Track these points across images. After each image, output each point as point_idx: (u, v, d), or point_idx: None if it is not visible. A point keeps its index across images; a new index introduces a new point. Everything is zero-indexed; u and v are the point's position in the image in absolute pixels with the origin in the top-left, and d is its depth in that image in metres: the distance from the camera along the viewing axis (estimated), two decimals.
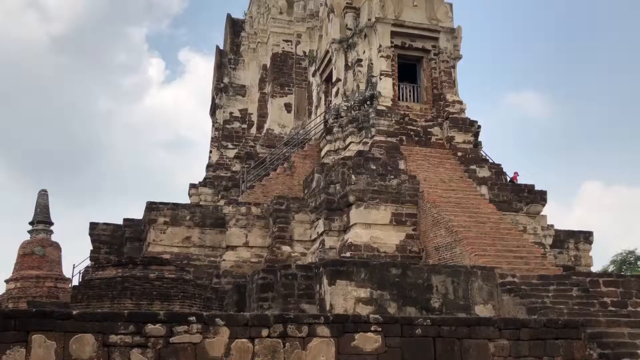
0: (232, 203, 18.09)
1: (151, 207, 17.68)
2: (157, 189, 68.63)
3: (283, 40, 24.98)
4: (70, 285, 21.59)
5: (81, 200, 66.96)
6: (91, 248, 20.12)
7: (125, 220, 19.82)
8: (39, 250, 23.60)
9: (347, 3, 19.93)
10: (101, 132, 68.58)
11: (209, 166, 25.39)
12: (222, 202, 19.74)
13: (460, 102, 18.71)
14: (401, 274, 11.25)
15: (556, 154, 65.43)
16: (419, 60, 19.48)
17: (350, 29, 19.73)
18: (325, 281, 11.05)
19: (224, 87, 26.39)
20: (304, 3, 25.20)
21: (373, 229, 15.34)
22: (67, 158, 68.27)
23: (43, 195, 25.45)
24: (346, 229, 15.77)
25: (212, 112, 27.75)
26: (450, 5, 19.70)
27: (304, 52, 24.75)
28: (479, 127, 18.59)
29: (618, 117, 64.30)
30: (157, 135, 73.88)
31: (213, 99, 27.59)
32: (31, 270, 23.23)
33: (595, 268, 22.24)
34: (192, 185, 24.26)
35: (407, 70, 19.46)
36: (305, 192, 17.84)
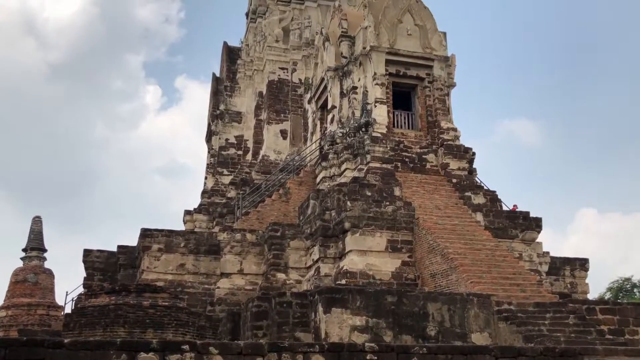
0: (227, 230, 18.01)
1: (145, 233, 17.58)
2: (152, 216, 68.44)
3: (279, 67, 25.21)
4: (62, 313, 21.30)
5: (76, 227, 66.60)
6: (85, 275, 19.94)
7: (119, 247, 19.68)
8: (32, 278, 23.34)
9: (342, 32, 20.19)
10: (97, 158, 68.63)
11: (204, 192, 25.36)
12: (217, 229, 19.65)
13: (455, 130, 18.84)
14: (397, 302, 11.17)
15: (551, 181, 65.74)
16: (414, 88, 19.67)
17: (345, 57, 19.95)
18: (320, 309, 10.95)
19: (220, 113, 26.52)
20: (299, 32, 25.50)
21: (369, 255, 15.27)
22: (62, 184, 68.13)
23: (37, 221, 25.26)
24: (342, 255, 15.69)
25: (208, 139, 27.83)
26: (444, 34, 19.97)
27: (300, 80, 24.96)
28: (474, 154, 18.69)
29: (612, 145, 64.84)
30: (153, 161, 73.97)
31: (209, 126, 27.69)
32: (23, 298, 22.92)
33: (592, 295, 22.15)
34: (187, 212, 24.18)
35: (401, 97, 19.63)
36: (301, 218, 17.80)
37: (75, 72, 71.87)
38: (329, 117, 20.27)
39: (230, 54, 28.46)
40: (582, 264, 20.29)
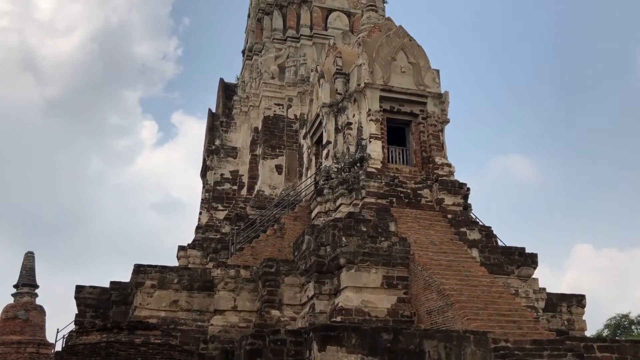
0: (221, 266, 17.87)
1: (139, 269, 17.43)
2: (145, 252, 67.95)
3: (275, 103, 25.44)
4: (53, 351, 20.93)
5: (68, 263, 65.97)
6: (76, 312, 19.66)
7: (112, 283, 19.47)
8: (22, 315, 23.01)
9: (337, 69, 20.47)
10: (91, 193, 68.51)
11: (198, 228, 25.25)
12: (210, 265, 19.50)
13: (449, 165, 18.95)
14: (393, 339, 11.03)
15: (546, 216, 65.85)
16: (408, 124, 19.84)
17: (340, 94, 20.18)
18: (315, 347, 10.80)
19: (215, 149, 26.64)
20: (295, 69, 25.84)
21: (364, 292, 15.13)
22: (56, 219, 67.78)
23: (29, 257, 25.07)
24: (337, 292, 15.55)
25: (203, 174, 27.86)
26: (437, 71, 20.28)
27: (295, 116, 25.17)
28: (468, 189, 18.75)
29: (607, 180, 65.23)
30: (148, 197, 73.87)
31: (204, 161, 27.77)
32: (13, 336, 22.55)
33: (589, 332, 21.97)
34: (181, 248, 24.03)
35: (396, 133, 19.78)
36: (296, 254, 17.70)
37: (71, 108, 72.43)
38: (324, 152, 20.38)
39: (227, 90, 28.77)
40: (579, 300, 20.15)
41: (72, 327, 19.20)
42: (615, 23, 72.59)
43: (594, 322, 41.56)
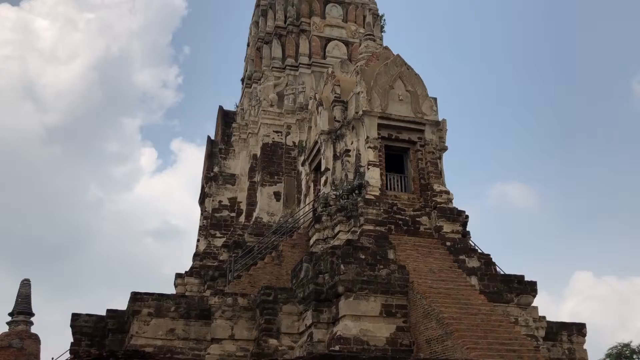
0: (218, 294, 17.71)
1: (135, 297, 17.27)
2: (143, 279, 67.33)
3: (273, 131, 25.55)
4: None
5: (65, 290, 65.37)
6: (72, 340, 19.42)
7: (108, 311, 19.26)
8: (17, 343, 22.68)
9: (335, 97, 20.64)
10: (89, 220, 68.24)
11: (195, 255, 25.12)
12: (208, 293, 19.33)
13: (447, 192, 18.97)
14: None
15: (545, 244, 65.66)
16: (406, 151, 19.92)
17: (338, 121, 20.30)
18: None
19: (213, 176, 26.67)
20: (294, 96, 26.03)
21: (363, 321, 14.98)
22: (53, 246, 67.35)
23: (25, 284, 24.82)
24: (335, 320, 15.39)
25: (201, 201, 27.83)
26: (435, 99, 20.46)
27: (294, 143, 25.26)
28: (467, 216, 18.74)
29: (606, 207, 65.24)
30: (146, 224, 73.56)
31: (202, 188, 27.76)
32: None
33: None
34: (178, 275, 23.87)
35: (394, 160, 19.85)
36: (294, 282, 17.58)
37: (71, 135, 72.60)
38: (322, 179, 20.40)
39: (226, 118, 28.95)
40: (579, 329, 19.95)
41: (68, 355, 18.94)
42: (611, 53, 73.58)
43: (595, 351, 41.10)
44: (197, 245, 26.11)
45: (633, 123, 69.91)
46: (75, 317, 19.63)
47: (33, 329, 24.22)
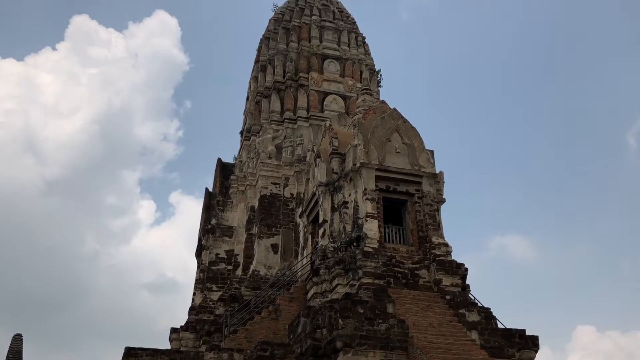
0: (214, 349, 17.32)
1: (129, 352, 16.89)
2: (137, 333, 65.91)
3: (271, 183, 25.61)
4: None
5: (58, 345, 63.86)
6: None
7: None
8: None
9: (333, 149, 20.81)
10: (85, 273, 67.41)
11: (191, 309, 24.70)
12: (203, 348, 18.90)
13: (446, 245, 18.87)
14: None
15: (547, 297, 64.77)
16: (404, 203, 19.93)
17: (336, 173, 20.40)
18: None
19: (211, 228, 26.54)
20: (292, 149, 26.25)
21: None
22: (47, 300, 66.23)
23: (17, 340, 24.25)
24: None
25: (198, 254, 27.60)
26: (432, 152, 20.66)
27: (292, 194, 25.29)
28: (466, 269, 18.57)
29: (608, 261, 64.78)
30: (142, 277, 72.65)
31: (199, 240, 27.58)
32: None
33: None
34: (174, 330, 23.40)
35: (392, 212, 19.83)
36: (291, 337, 17.23)
37: (70, 188, 72.57)
38: (320, 231, 20.31)
39: (224, 170, 29.08)
40: None
41: None
42: (606, 107, 74.84)
43: None
44: (193, 299, 25.72)
45: (629, 175, 70.37)
46: None
47: None
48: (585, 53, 78.91)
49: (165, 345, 22.99)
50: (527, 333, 17.24)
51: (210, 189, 28.88)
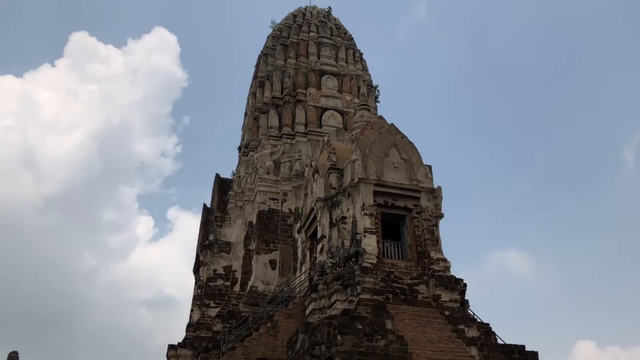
0: None
1: None
2: (135, 350, 65.31)
3: (269, 198, 25.57)
4: None
5: None
6: None
7: None
8: None
9: (331, 164, 20.82)
10: (82, 290, 66.95)
11: (189, 326, 24.52)
12: None
13: (445, 260, 18.80)
14: None
15: (546, 313, 64.42)
16: (402, 218, 19.89)
17: (334, 188, 20.38)
18: None
19: (209, 244, 26.43)
20: (290, 164, 26.25)
21: None
22: (44, 316, 65.71)
23: (13, 357, 24.08)
24: None
25: (196, 270, 27.46)
26: (429, 167, 20.67)
27: (290, 210, 25.23)
28: (465, 285, 18.48)
29: (608, 276, 64.57)
30: (140, 293, 72.19)
31: (197, 256, 27.46)
32: None
33: None
34: (171, 347, 23.21)
35: (391, 227, 19.78)
36: (289, 353, 17.09)
37: (68, 204, 72.33)
38: (319, 246, 20.24)
39: (222, 185, 29.03)
40: None
41: None
42: (604, 122, 75.18)
43: None
44: (190, 316, 25.54)
45: (627, 191, 70.43)
46: None
47: None
48: (582, 69, 79.52)
49: None
50: (527, 349, 17.14)
51: (209, 205, 28.82)
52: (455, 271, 18.84)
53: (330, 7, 33.32)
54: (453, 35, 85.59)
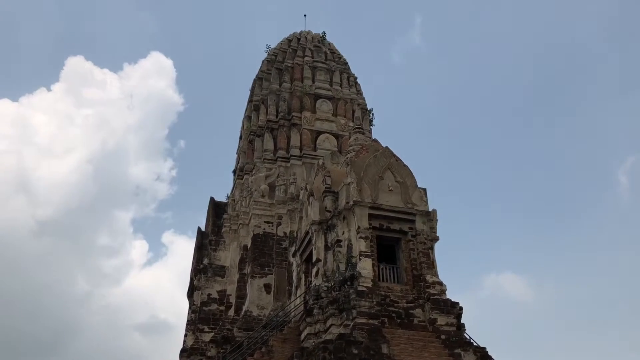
0: None
1: None
2: None
3: (264, 221, 25.49)
4: None
5: None
6: None
7: None
8: None
9: (326, 187, 20.82)
10: (76, 314, 66.27)
11: (183, 351, 24.21)
12: None
13: (441, 283, 18.70)
14: None
15: (544, 336, 64.00)
16: (398, 242, 19.83)
17: (329, 211, 20.34)
18: None
19: (203, 268, 26.26)
20: (285, 187, 26.24)
21: None
22: (36, 342, 64.84)
23: None
24: None
25: (190, 294, 27.22)
26: (424, 190, 20.70)
27: (285, 233, 25.14)
28: (461, 308, 18.36)
29: (605, 298, 64.34)
30: (134, 318, 71.47)
31: (191, 281, 27.25)
32: None
33: None
34: None
35: (386, 250, 19.69)
36: None
37: (62, 228, 71.97)
38: (314, 270, 20.13)
39: (217, 209, 28.96)
40: None
41: None
42: (597, 145, 75.77)
43: None
44: (184, 340, 25.24)
45: (622, 212, 70.66)
46: None
47: None
48: (575, 92, 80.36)
49: None
50: None
51: (203, 229, 28.71)
52: (451, 294, 18.74)
53: (324, 32, 33.73)
54: (446, 59, 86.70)
